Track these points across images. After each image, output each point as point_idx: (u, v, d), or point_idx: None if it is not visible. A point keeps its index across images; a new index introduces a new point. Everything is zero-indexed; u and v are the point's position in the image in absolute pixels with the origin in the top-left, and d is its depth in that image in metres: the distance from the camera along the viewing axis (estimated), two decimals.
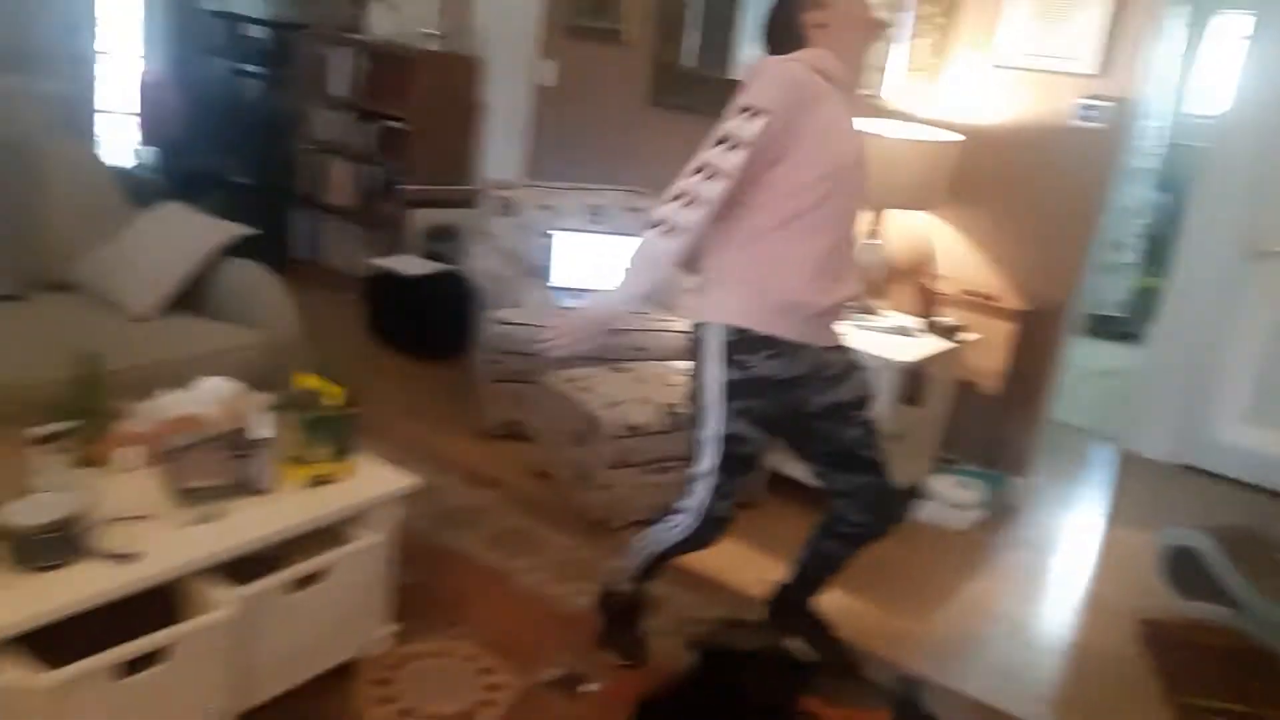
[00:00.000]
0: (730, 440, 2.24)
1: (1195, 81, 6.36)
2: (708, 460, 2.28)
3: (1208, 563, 3.13)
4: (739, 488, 2.34)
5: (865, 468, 2.40)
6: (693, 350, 2.29)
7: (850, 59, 2.23)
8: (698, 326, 2.28)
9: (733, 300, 2.21)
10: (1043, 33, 3.53)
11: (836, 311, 2.30)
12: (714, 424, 2.24)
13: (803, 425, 2.36)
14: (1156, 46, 3.39)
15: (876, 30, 2.27)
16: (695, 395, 2.29)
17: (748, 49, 4.21)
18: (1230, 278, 4.03)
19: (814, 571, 2.64)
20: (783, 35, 2.23)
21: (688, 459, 2.36)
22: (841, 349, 2.37)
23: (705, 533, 2.36)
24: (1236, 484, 4.27)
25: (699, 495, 2.32)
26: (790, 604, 2.71)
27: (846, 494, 2.43)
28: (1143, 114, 5.99)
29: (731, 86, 2.22)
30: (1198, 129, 6.02)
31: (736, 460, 2.28)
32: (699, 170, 2.08)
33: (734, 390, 2.21)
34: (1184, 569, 3.23)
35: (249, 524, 2.10)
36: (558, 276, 4.10)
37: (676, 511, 2.39)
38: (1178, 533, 3.26)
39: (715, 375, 2.22)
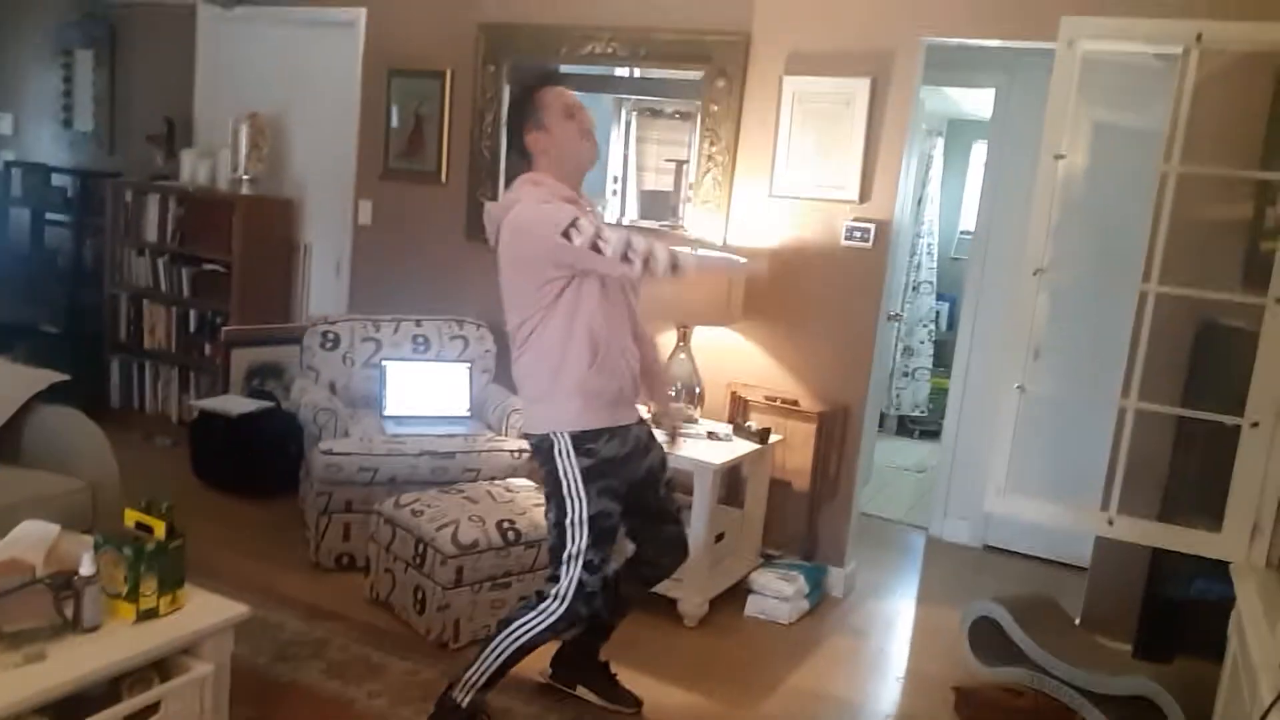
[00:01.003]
0: (597, 518, 2.60)
1: (965, 202, 7.15)
2: (580, 541, 2.59)
3: (1005, 630, 3.43)
4: (606, 560, 2.65)
5: (669, 519, 2.91)
6: (543, 454, 2.62)
7: (570, 174, 2.63)
8: (543, 436, 2.60)
9: (568, 408, 2.57)
10: (811, 166, 3.97)
11: (634, 389, 2.71)
12: (580, 508, 2.58)
13: (630, 492, 2.74)
14: (917, 173, 3.87)
15: (589, 151, 2.66)
16: (555, 490, 2.60)
17: None
18: (995, 372, 4.53)
19: (609, 616, 2.96)
20: (517, 148, 2.69)
21: (554, 549, 2.64)
22: (642, 422, 2.79)
23: (577, 609, 2.63)
24: (1025, 557, 4.71)
25: (570, 575, 2.60)
26: (581, 654, 3.06)
27: (653, 541, 2.90)
28: (926, 231, 6.73)
29: None
30: (964, 244, 6.75)
31: (604, 533, 2.62)
32: (595, 242, 2.43)
33: (589, 475, 2.58)
34: (986, 638, 3.52)
35: (76, 662, 2.08)
36: (393, 406, 4.18)
37: (545, 599, 2.63)
38: (978, 606, 3.56)
39: (571, 468, 2.56)
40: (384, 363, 4.24)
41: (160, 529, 2.32)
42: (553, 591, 2.62)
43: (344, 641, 3.28)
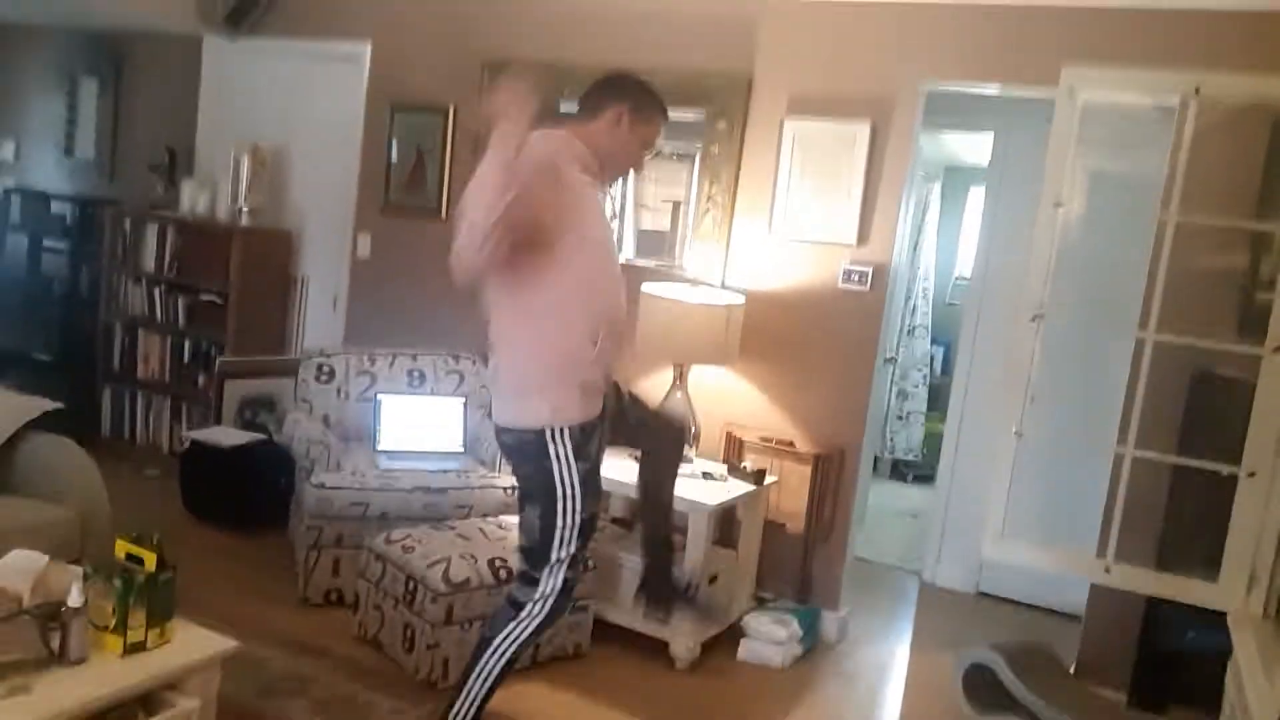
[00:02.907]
0: (590, 520, 2.54)
1: (960, 247, 7.18)
2: (569, 547, 2.51)
3: (1000, 678, 3.40)
4: (585, 548, 2.59)
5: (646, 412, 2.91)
6: (530, 451, 2.47)
7: (601, 165, 2.57)
8: (536, 431, 2.46)
9: (565, 400, 2.44)
10: (810, 208, 3.99)
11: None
12: (578, 513, 2.49)
13: None
14: (913, 218, 3.89)
15: (624, 173, 2.72)
16: (549, 492, 2.47)
17: None
18: (990, 416, 4.52)
19: (654, 525, 3.04)
20: (591, 104, 2.63)
21: (533, 552, 2.55)
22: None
23: (562, 604, 2.57)
24: (1019, 604, 4.68)
25: (554, 579, 2.51)
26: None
27: (649, 435, 2.88)
28: (922, 275, 6.75)
29: None
30: (959, 288, 6.78)
31: (590, 533, 2.57)
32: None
33: (586, 479, 2.49)
34: (980, 686, 3.48)
35: (60, 695, 2.04)
36: (386, 440, 4.15)
37: (523, 606, 2.54)
38: (972, 653, 3.53)
39: (568, 472, 2.45)
40: (379, 396, 4.23)
41: (151, 560, 2.30)
42: (535, 596, 2.52)
43: (330, 679, 3.23)
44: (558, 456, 2.44)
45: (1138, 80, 2.90)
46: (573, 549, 2.51)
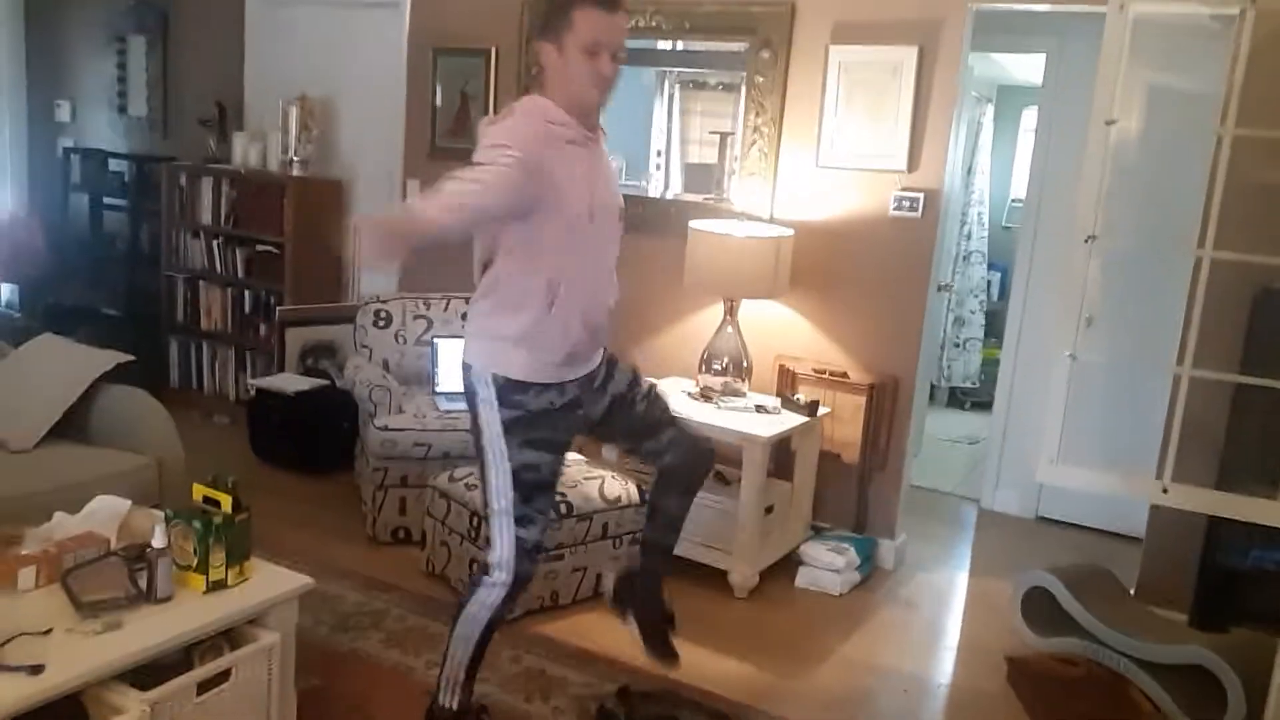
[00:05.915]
0: (521, 470, 2.39)
1: (1016, 169, 7.03)
2: (508, 497, 2.40)
3: (1059, 601, 3.42)
4: (542, 511, 2.46)
5: (663, 426, 2.65)
6: (468, 389, 2.43)
7: (574, 106, 2.33)
8: (468, 367, 2.43)
9: (498, 350, 2.38)
10: (858, 136, 3.94)
11: (591, 345, 2.48)
12: (503, 458, 2.38)
13: (598, 428, 2.62)
14: (966, 141, 3.82)
15: (594, 96, 2.32)
16: (477, 434, 2.42)
17: None
18: (1047, 341, 4.48)
19: (663, 535, 2.78)
20: (531, 52, 2.42)
21: (484, 504, 2.48)
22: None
23: (524, 569, 2.45)
24: (1079, 528, 4.67)
25: (504, 537, 2.42)
26: (644, 584, 2.80)
27: (660, 452, 2.65)
28: (977, 200, 6.64)
29: None
30: (1015, 212, 6.66)
31: (532, 487, 2.42)
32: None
33: (511, 428, 2.38)
34: (1039, 608, 3.51)
35: (149, 631, 2.16)
36: (444, 382, 4.24)
37: (486, 571, 2.46)
38: (1030, 576, 3.55)
39: (491, 414, 2.38)
40: (435, 340, 4.30)
41: (227, 503, 2.40)
42: (493, 561, 2.43)
43: (401, 612, 3.36)
44: (484, 399, 2.39)
45: None
46: (509, 501, 2.39)
